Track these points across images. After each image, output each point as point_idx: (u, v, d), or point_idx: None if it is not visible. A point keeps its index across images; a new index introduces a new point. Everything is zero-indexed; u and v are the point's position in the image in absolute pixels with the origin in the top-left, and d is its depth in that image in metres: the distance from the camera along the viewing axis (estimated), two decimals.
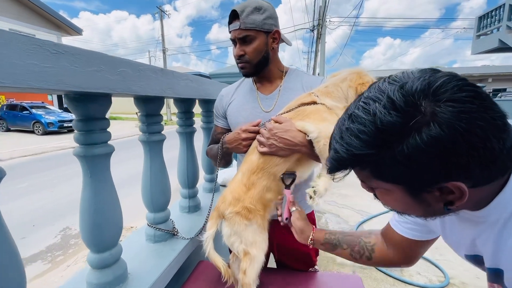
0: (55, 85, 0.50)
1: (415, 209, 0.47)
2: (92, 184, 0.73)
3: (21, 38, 0.44)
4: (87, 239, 0.75)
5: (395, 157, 0.38)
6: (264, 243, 0.90)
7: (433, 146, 0.36)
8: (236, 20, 0.96)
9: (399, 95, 0.38)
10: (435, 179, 0.39)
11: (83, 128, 0.70)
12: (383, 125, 0.38)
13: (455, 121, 0.35)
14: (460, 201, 0.40)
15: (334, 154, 0.45)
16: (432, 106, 0.37)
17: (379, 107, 0.39)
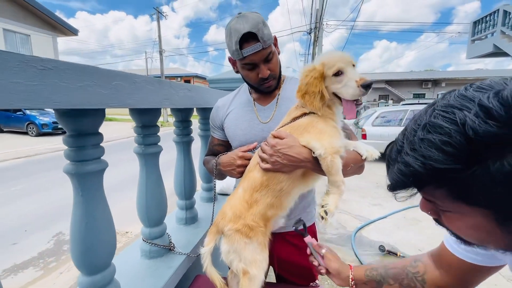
0: (42, 104, 0.46)
1: (496, 240, 0.39)
2: (83, 202, 0.69)
3: (5, 55, 0.40)
4: (77, 261, 0.71)
5: (491, 175, 0.32)
6: (264, 262, 0.87)
7: None
8: (252, 42, 0.87)
9: (496, 103, 0.32)
10: None
11: (74, 144, 0.66)
12: (477, 135, 0.32)
13: None
14: None
15: (404, 168, 0.38)
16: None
17: (470, 115, 0.33)
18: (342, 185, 0.82)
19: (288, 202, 0.90)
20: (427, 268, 0.70)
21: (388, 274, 0.73)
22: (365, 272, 0.76)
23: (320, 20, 13.34)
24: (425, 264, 0.70)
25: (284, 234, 1.07)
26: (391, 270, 0.74)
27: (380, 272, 0.74)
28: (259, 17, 0.90)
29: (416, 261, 0.72)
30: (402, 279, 0.71)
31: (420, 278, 0.69)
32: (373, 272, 0.75)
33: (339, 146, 0.81)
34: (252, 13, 0.91)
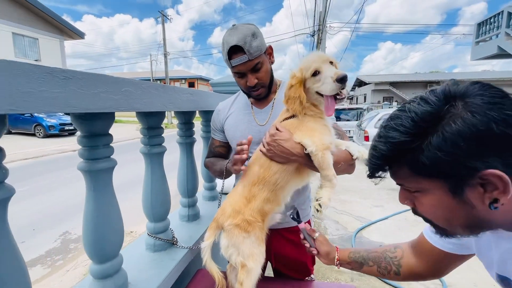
0: (64, 109, 0.53)
1: (458, 214, 0.45)
2: (95, 197, 0.76)
3: (34, 69, 0.47)
4: (89, 250, 0.78)
5: (432, 144, 0.41)
6: (261, 256, 0.92)
7: (468, 129, 0.38)
8: (239, 54, 0.96)
9: (431, 94, 0.44)
10: (474, 165, 0.39)
11: (88, 144, 0.74)
12: (417, 115, 0.43)
13: (486, 109, 0.38)
14: (505, 196, 0.39)
15: (373, 152, 0.48)
16: (463, 99, 0.41)
17: (414, 105, 0.44)
18: (333, 179, 0.88)
19: (283, 196, 0.96)
20: (405, 254, 0.77)
21: (369, 257, 0.83)
22: (348, 254, 0.86)
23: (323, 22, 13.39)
24: (403, 251, 0.78)
25: (281, 230, 1.13)
26: (372, 253, 0.83)
27: (362, 255, 0.84)
28: (250, 29, 0.97)
29: (396, 247, 0.81)
30: (381, 261, 0.80)
31: (396, 262, 0.77)
32: (356, 254, 0.85)
33: (329, 142, 0.87)
34: (244, 26, 0.98)
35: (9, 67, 0.43)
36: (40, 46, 14.59)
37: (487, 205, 0.41)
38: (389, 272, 0.79)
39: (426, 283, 2.30)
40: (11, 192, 0.56)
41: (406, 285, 2.28)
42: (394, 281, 2.34)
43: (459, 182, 0.42)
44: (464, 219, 0.45)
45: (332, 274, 2.44)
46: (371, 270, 0.82)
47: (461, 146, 0.39)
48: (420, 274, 0.75)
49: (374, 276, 0.85)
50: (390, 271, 0.79)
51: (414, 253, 0.76)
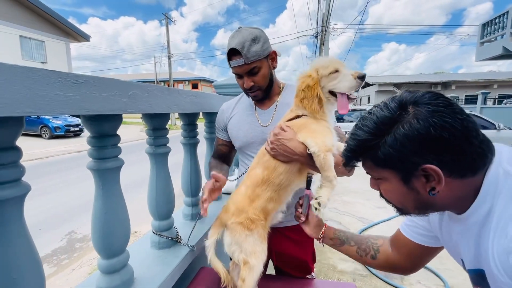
0: (77, 111, 0.57)
1: (408, 198, 0.56)
2: (103, 195, 0.80)
3: (50, 74, 0.51)
4: (97, 246, 0.81)
5: (387, 143, 0.51)
6: (263, 254, 0.95)
7: (411, 132, 0.48)
8: (237, 57, 1.00)
9: (391, 101, 0.55)
10: (416, 160, 0.50)
11: (97, 144, 0.77)
12: (377, 118, 0.53)
13: (428, 117, 0.48)
14: (439, 186, 0.50)
15: (346, 146, 0.60)
16: (414, 107, 0.51)
17: (378, 109, 0.55)
18: (334, 180, 0.90)
19: (286, 196, 0.99)
20: (384, 244, 0.85)
21: (352, 238, 0.91)
22: (334, 231, 0.94)
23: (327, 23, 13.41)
24: (384, 241, 0.86)
25: (282, 229, 1.16)
26: (356, 236, 0.92)
27: (346, 235, 0.92)
28: (252, 34, 0.99)
29: (379, 237, 0.89)
30: (362, 243, 0.88)
31: (375, 247, 0.85)
32: (341, 233, 0.93)
33: (331, 145, 0.90)
34: (248, 29, 1.01)
35: (30, 73, 0.47)
36: (46, 49, 14.82)
37: (427, 192, 0.53)
38: (367, 254, 0.86)
39: (429, 283, 2.31)
40: (27, 189, 0.59)
41: (408, 286, 2.29)
42: (394, 281, 2.35)
43: (408, 173, 0.53)
44: (413, 202, 0.57)
45: (334, 274, 2.45)
46: (351, 249, 0.89)
47: (407, 145, 0.49)
48: (394, 264, 0.83)
49: (352, 257, 0.90)
50: (367, 254, 0.86)
51: (391, 245, 0.85)
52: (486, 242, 0.51)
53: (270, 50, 1.06)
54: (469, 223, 0.55)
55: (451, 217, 0.61)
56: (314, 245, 1.25)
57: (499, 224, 0.49)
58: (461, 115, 0.48)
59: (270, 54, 1.07)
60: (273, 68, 1.10)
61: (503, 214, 0.49)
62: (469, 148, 0.48)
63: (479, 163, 0.50)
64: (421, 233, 0.75)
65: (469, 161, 0.49)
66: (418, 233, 0.75)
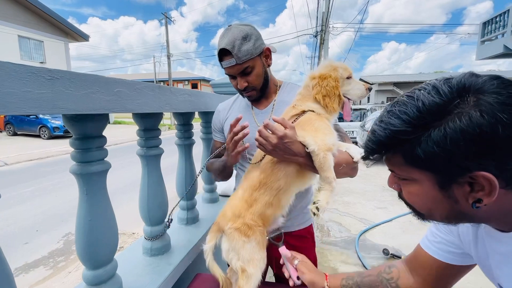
0: (49, 110, 0.51)
1: (441, 206, 0.44)
2: (88, 201, 0.74)
3: (17, 68, 0.45)
4: (82, 256, 0.76)
5: (432, 138, 0.39)
6: (262, 262, 0.89)
7: (472, 130, 0.36)
8: (228, 57, 0.94)
9: (445, 85, 0.41)
10: (468, 165, 0.38)
11: (80, 146, 0.72)
12: (424, 105, 0.40)
13: (497, 110, 0.36)
14: (489, 198, 0.39)
15: (371, 136, 0.47)
16: (476, 95, 0.38)
17: (424, 93, 0.41)
18: (333, 182, 0.84)
19: (285, 200, 0.94)
20: (401, 273, 0.71)
21: (364, 282, 0.74)
22: (341, 281, 0.76)
23: (326, 23, 13.35)
24: (399, 270, 0.71)
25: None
26: (366, 278, 0.74)
27: (356, 281, 0.75)
28: (242, 32, 0.93)
29: (391, 267, 0.73)
30: (377, 286, 0.72)
31: (394, 284, 0.70)
32: (349, 281, 0.76)
33: (331, 144, 0.85)
34: (239, 27, 0.95)
35: None
36: (45, 49, 14.76)
37: (470, 203, 0.41)
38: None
39: None
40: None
41: None
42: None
43: (449, 178, 0.41)
44: (446, 211, 0.45)
45: None
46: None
47: (460, 145, 0.37)
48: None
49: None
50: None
51: (410, 269, 0.70)
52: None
53: (263, 47, 0.99)
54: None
55: (490, 232, 0.49)
56: (315, 251, 1.20)
57: None
58: None
59: (263, 52, 1.00)
60: (267, 66, 1.04)
61: None
62: None
63: None
64: (449, 250, 0.61)
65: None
66: (446, 251, 0.62)
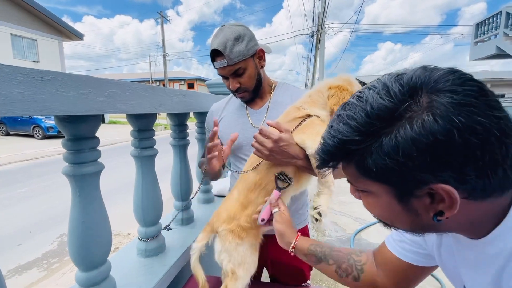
0: (40, 111, 0.50)
1: (402, 219, 0.41)
2: (80, 202, 0.73)
3: (6, 69, 0.45)
4: (74, 258, 0.75)
5: (383, 148, 0.34)
6: (252, 266, 0.90)
7: (424, 137, 0.32)
8: (220, 58, 0.94)
9: (396, 83, 0.36)
10: (423, 178, 0.34)
11: (72, 147, 0.71)
12: (372, 109, 0.35)
13: (452, 113, 0.31)
14: (450, 211, 0.36)
15: (321, 145, 0.42)
16: (429, 96, 0.34)
17: (373, 93, 0.37)
18: (332, 185, 0.85)
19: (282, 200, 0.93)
20: (369, 261, 0.69)
21: (331, 255, 0.72)
22: (309, 245, 0.75)
23: (322, 23, 13.40)
24: (368, 257, 0.70)
25: None
26: (335, 252, 0.72)
27: (324, 250, 0.73)
28: (235, 32, 0.93)
29: (361, 251, 0.72)
30: (343, 262, 0.70)
31: (359, 267, 0.68)
32: (317, 248, 0.74)
33: None
34: (231, 27, 0.95)
35: None
36: (38, 48, 14.57)
37: (431, 215, 0.38)
38: (348, 275, 0.69)
39: (424, 284, 2.27)
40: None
41: None
42: None
43: (406, 191, 0.37)
44: (408, 223, 0.42)
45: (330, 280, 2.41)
46: (329, 268, 0.71)
47: (413, 156, 0.33)
48: (379, 286, 0.66)
49: (330, 277, 0.73)
50: (349, 274, 0.69)
51: (376, 263, 0.68)
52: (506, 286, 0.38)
53: (256, 48, 0.99)
54: (487, 252, 0.41)
55: (458, 238, 0.46)
56: None
57: None
58: (499, 112, 0.32)
59: (256, 53, 1.00)
60: (260, 67, 1.04)
61: None
62: (504, 160, 0.32)
63: None
64: (413, 251, 0.60)
65: (500, 177, 0.33)
66: (410, 251, 0.60)
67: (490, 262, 0.41)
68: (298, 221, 1.14)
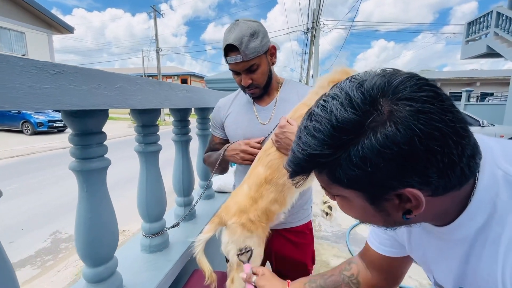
0: (53, 105, 0.50)
1: (375, 218, 0.44)
2: (88, 198, 0.73)
3: (21, 62, 0.44)
4: (82, 253, 0.75)
5: (351, 159, 0.36)
6: (258, 258, 0.91)
7: (388, 148, 0.34)
8: (234, 53, 0.93)
9: (358, 93, 0.36)
10: (391, 185, 0.36)
11: (80, 142, 0.70)
12: (338, 122, 0.36)
13: (412, 121, 0.33)
14: (417, 210, 0.39)
15: (291, 156, 0.42)
16: (390, 105, 0.35)
17: (337, 104, 0.37)
18: None
19: (291, 197, 0.95)
20: (360, 268, 0.72)
21: (327, 284, 0.73)
22: (303, 286, 0.76)
23: (317, 20, 13.40)
24: (358, 265, 0.73)
25: (282, 230, 1.12)
26: (329, 279, 0.74)
27: (319, 283, 0.74)
28: (250, 28, 0.92)
29: (350, 263, 0.74)
30: (340, 285, 0.72)
31: (355, 281, 0.71)
32: (312, 284, 0.75)
33: None
34: (246, 23, 0.94)
35: None
36: (27, 41, 14.13)
37: (400, 214, 0.41)
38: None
39: (419, 278, 2.34)
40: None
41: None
42: None
43: (377, 196, 0.40)
44: (381, 221, 0.45)
45: None
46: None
47: (380, 166, 0.35)
48: (377, 286, 0.71)
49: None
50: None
51: (368, 265, 0.72)
52: (481, 262, 0.42)
53: (269, 45, 0.99)
54: (453, 238, 0.45)
55: (425, 226, 0.50)
56: (314, 247, 1.22)
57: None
58: (453, 115, 0.35)
59: (269, 50, 1.00)
60: (272, 64, 1.04)
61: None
62: (461, 160, 0.35)
63: (469, 173, 0.38)
64: (390, 245, 0.64)
65: (458, 175, 0.36)
66: (387, 245, 0.65)
67: (455, 246, 0.44)
68: (302, 216, 1.15)
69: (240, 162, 1.03)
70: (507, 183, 0.39)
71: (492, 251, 0.40)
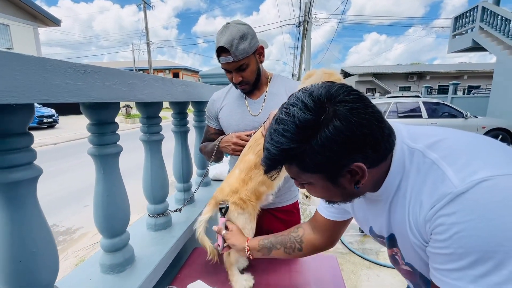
0: (84, 99, 0.61)
1: (336, 194, 0.58)
2: (104, 179, 0.85)
3: (61, 64, 0.55)
4: (100, 226, 0.87)
5: (314, 149, 0.48)
6: (251, 231, 1.05)
7: (338, 136, 0.46)
8: (226, 54, 1.05)
9: (310, 100, 0.49)
10: (344, 162, 0.49)
11: (96, 131, 0.82)
12: (300, 122, 0.48)
13: (349, 115, 0.47)
14: (363, 179, 0.52)
15: (267, 153, 0.54)
16: (333, 106, 0.48)
17: (296, 109, 0.49)
18: None
19: (277, 181, 1.08)
20: (305, 231, 0.90)
21: (277, 241, 0.90)
22: (258, 242, 0.92)
23: (309, 13, 13.45)
24: (304, 229, 0.90)
25: (272, 210, 1.25)
26: (279, 237, 0.91)
27: (270, 240, 0.91)
28: (239, 31, 1.03)
29: (298, 227, 0.92)
30: (286, 242, 0.89)
31: (299, 240, 0.88)
32: (265, 241, 0.92)
33: None
34: (236, 26, 1.05)
35: (43, 63, 0.51)
36: (11, 34, 13.71)
37: (353, 186, 0.54)
38: (294, 250, 0.88)
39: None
40: (40, 172, 0.63)
41: (383, 260, 2.51)
42: (370, 257, 2.57)
43: (335, 174, 0.52)
44: (340, 196, 0.59)
45: None
46: (279, 252, 0.89)
47: (335, 150, 0.47)
48: (318, 246, 0.88)
49: (282, 258, 0.93)
50: (294, 249, 0.88)
51: (312, 228, 0.89)
52: (397, 211, 0.57)
53: (257, 45, 1.11)
54: (382, 199, 0.60)
55: (365, 196, 0.64)
56: None
57: (412, 195, 0.53)
58: (372, 108, 0.50)
59: (257, 50, 1.12)
60: (260, 62, 1.16)
61: (414, 186, 0.53)
62: (383, 138, 0.50)
63: (389, 148, 0.53)
64: (335, 211, 0.82)
65: (383, 150, 0.52)
66: (333, 212, 0.82)
67: (384, 204, 0.60)
68: (289, 197, 1.29)
69: (231, 153, 1.17)
70: (410, 153, 0.54)
71: (403, 201, 0.55)
